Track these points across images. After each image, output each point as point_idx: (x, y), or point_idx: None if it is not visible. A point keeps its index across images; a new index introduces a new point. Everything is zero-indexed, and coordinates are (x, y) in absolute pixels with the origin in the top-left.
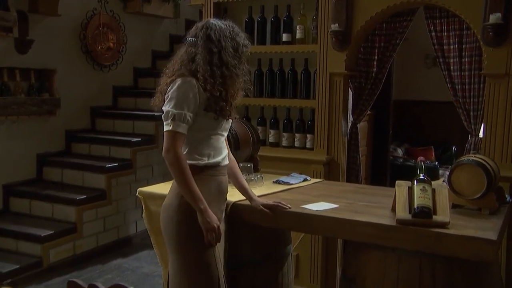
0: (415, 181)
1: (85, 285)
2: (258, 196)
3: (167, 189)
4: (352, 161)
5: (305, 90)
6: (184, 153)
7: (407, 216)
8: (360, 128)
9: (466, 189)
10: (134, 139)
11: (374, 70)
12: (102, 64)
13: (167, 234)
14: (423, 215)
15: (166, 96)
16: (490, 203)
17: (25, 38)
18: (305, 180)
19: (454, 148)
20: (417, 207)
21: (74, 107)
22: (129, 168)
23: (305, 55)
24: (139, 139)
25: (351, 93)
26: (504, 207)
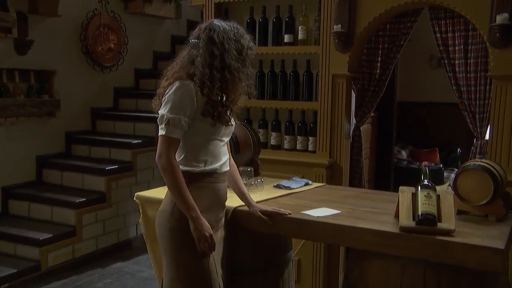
0: (419, 187)
1: None
2: (258, 201)
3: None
4: (355, 164)
5: (307, 92)
6: (180, 158)
7: (411, 223)
8: (363, 130)
9: (472, 195)
10: (134, 141)
11: (378, 71)
12: (102, 65)
13: (162, 241)
14: (428, 223)
15: (163, 99)
16: (497, 210)
17: (24, 39)
18: (306, 184)
19: (459, 150)
20: (421, 214)
21: (74, 109)
22: (129, 170)
23: (307, 57)
24: (140, 141)
25: (354, 95)
26: (511, 214)
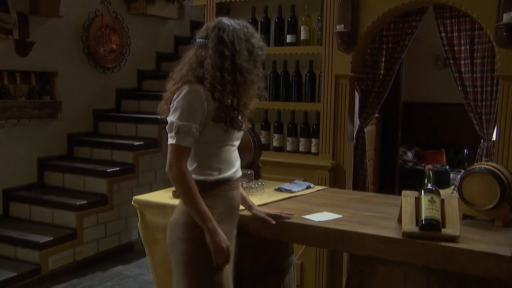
0: (423, 191)
1: None
2: (258, 205)
3: (164, 197)
4: (358, 166)
5: (310, 93)
6: (192, 167)
7: (414, 228)
8: (367, 131)
9: (478, 199)
10: (136, 143)
11: (382, 72)
12: (105, 66)
13: (174, 253)
14: (431, 228)
15: (171, 105)
16: (503, 214)
17: (25, 40)
18: (308, 187)
19: (466, 151)
20: (424, 219)
21: (76, 110)
22: (131, 172)
23: (310, 57)
24: (142, 143)
25: (358, 96)
26: None
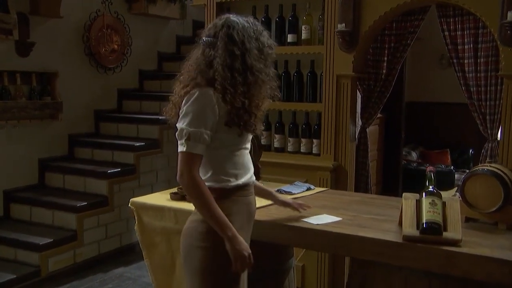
0: (424, 193)
1: None
2: (258, 207)
3: (161, 199)
4: (361, 167)
5: (311, 93)
6: (207, 176)
7: (415, 232)
8: (370, 132)
9: (481, 201)
10: (137, 144)
11: (384, 71)
12: (106, 66)
13: (191, 262)
14: (432, 232)
15: (180, 110)
16: (507, 217)
17: (26, 40)
18: (308, 189)
19: (471, 151)
20: (425, 223)
21: (77, 111)
22: (132, 173)
23: (311, 57)
24: (143, 144)
25: (360, 95)
26: None
